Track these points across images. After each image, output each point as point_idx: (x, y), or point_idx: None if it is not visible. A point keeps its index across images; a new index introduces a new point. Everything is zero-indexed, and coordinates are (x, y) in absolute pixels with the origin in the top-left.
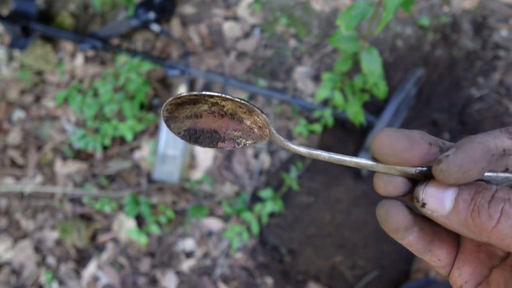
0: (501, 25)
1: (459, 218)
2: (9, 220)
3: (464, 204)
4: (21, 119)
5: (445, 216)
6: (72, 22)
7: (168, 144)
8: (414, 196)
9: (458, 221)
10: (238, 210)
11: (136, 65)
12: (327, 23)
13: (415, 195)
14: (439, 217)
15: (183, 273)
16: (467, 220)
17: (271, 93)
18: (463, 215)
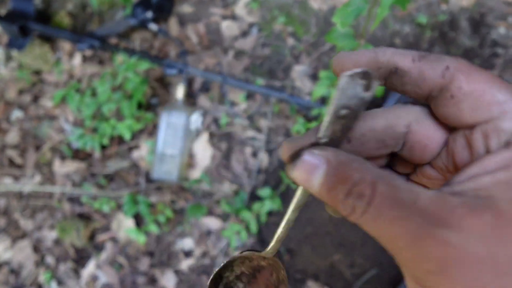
0: (499, 22)
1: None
2: (8, 219)
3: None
4: (19, 118)
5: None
6: (70, 21)
7: (167, 143)
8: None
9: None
10: (236, 209)
11: (134, 64)
12: (324, 21)
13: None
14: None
15: (182, 272)
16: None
17: (269, 92)
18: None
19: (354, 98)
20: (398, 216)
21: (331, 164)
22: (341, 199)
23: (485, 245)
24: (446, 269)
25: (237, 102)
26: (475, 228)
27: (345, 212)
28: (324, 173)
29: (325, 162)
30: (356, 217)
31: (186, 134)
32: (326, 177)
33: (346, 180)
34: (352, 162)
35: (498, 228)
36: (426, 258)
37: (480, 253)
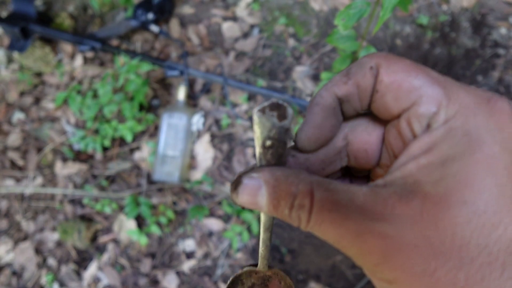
0: (500, 23)
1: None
2: (10, 221)
3: (274, 209)
4: (21, 120)
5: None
6: (71, 23)
7: (168, 144)
8: (231, 197)
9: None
10: (238, 210)
11: (135, 66)
12: (325, 22)
13: (231, 196)
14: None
15: (183, 274)
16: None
17: (270, 93)
18: (277, 215)
19: (273, 128)
20: (338, 217)
21: (269, 183)
22: (287, 214)
23: (418, 230)
24: (388, 260)
25: (238, 103)
26: (406, 216)
27: (295, 224)
28: (266, 193)
29: (264, 182)
30: (304, 226)
31: (187, 135)
32: (268, 196)
33: (286, 195)
34: (288, 176)
35: (426, 211)
36: (369, 252)
37: (415, 239)
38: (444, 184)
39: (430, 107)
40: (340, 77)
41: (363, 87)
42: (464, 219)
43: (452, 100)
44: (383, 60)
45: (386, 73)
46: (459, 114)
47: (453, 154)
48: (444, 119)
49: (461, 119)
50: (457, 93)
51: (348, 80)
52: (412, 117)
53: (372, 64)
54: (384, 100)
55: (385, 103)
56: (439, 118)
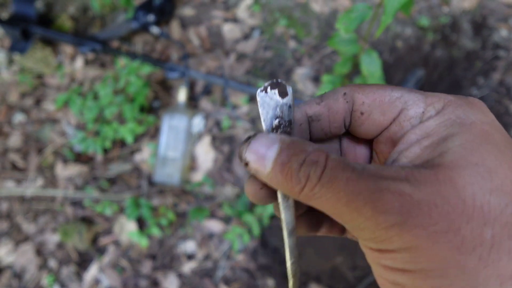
0: (501, 25)
1: (276, 179)
2: (10, 223)
3: (281, 166)
4: (21, 122)
5: (265, 176)
6: (71, 25)
7: (169, 146)
8: (238, 155)
9: (276, 183)
10: (239, 212)
11: (136, 68)
12: (326, 24)
13: (239, 153)
14: (261, 176)
15: (184, 275)
16: (282, 182)
17: None
18: (279, 177)
19: (277, 107)
20: (353, 176)
21: (285, 142)
22: (296, 170)
23: (436, 191)
24: (407, 218)
25: (239, 105)
26: (422, 179)
27: (299, 184)
28: (278, 149)
29: (279, 140)
30: (311, 185)
31: (188, 137)
32: (280, 152)
33: (300, 152)
34: (304, 141)
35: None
36: (386, 211)
37: (434, 199)
38: (451, 154)
39: (417, 108)
40: (314, 99)
41: (335, 109)
42: (480, 179)
43: (435, 99)
44: (356, 87)
45: (364, 96)
46: (446, 107)
47: (452, 133)
48: (434, 113)
49: (449, 110)
50: (436, 95)
51: (320, 101)
52: (403, 121)
53: (346, 90)
54: (372, 117)
55: (374, 119)
56: (428, 113)
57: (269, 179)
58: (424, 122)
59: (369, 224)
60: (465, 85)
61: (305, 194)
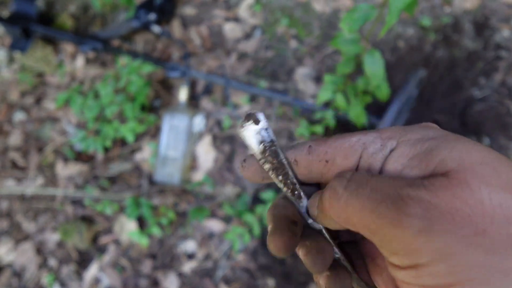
0: (503, 25)
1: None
2: (11, 222)
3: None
4: (22, 121)
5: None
6: (72, 23)
7: (169, 145)
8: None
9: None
10: (239, 212)
11: (137, 67)
12: (328, 23)
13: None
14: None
15: (184, 275)
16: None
17: (272, 95)
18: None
19: (256, 134)
20: (377, 186)
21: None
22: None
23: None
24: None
25: (240, 104)
26: (436, 184)
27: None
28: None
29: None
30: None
31: (188, 136)
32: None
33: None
34: None
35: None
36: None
37: (454, 203)
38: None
39: (375, 145)
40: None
41: (298, 158)
42: (490, 177)
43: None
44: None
45: (327, 146)
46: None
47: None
48: (395, 143)
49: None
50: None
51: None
52: (368, 159)
53: (311, 144)
54: (336, 163)
55: (338, 165)
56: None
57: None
58: (394, 152)
59: (396, 232)
60: (466, 85)
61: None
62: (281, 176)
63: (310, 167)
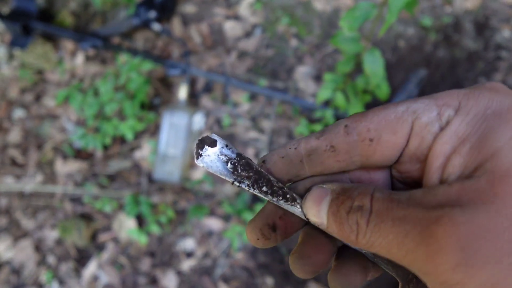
0: (503, 25)
1: (334, 230)
2: (10, 219)
3: (333, 217)
4: (21, 118)
5: (326, 229)
6: (72, 20)
7: (169, 143)
8: (301, 211)
9: (336, 234)
10: (238, 210)
11: (137, 65)
12: (328, 22)
13: (301, 209)
14: (325, 230)
15: (183, 273)
16: (339, 232)
17: (272, 93)
18: (334, 227)
19: (220, 155)
20: (399, 215)
21: (335, 191)
22: (345, 219)
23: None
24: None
25: (240, 103)
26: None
27: (352, 232)
28: (329, 199)
29: (330, 190)
30: (363, 231)
31: (188, 134)
32: (331, 203)
33: (347, 199)
34: (352, 186)
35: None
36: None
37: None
38: (503, 153)
39: (430, 113)
40: (314, 133)
41: (335, 143)
42: None
43: (446, 98)
44: (357, 116)
45: (368, 122)
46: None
47: (490, 127)
48: (453, 112)
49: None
50: (444, 93)
51: (320, 136)
52: (421, 132)
53: (347, 122)
54: (383, 141)
55: (386, 142)
56: (446, 114)
57: (330, 232)
58: (448, 127)
59: (429, 268)
60: (466, 85)
61: (360, 241)
62: (265, 186)
63: (351, 151)
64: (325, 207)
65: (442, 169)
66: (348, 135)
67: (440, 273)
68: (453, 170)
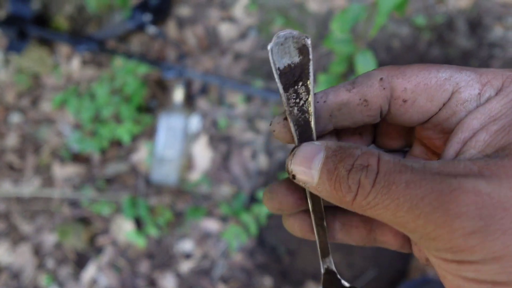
0: (496, 24)
1: (325, 189)
2: (8, 223)
3: (328, 175)
4: (18, 122)
5: (314, 187)
6: (68, 24)
7: (166, 145)
8: (286, 168)
9: (326, 194)
10: (236, 211)
11: (133, 68)
12: (322, 23)
13: (286, 166)
14: (310, 188)
15: (182, 275)
16: (331, 192)
17: (268, 94)
18: (328, 187)
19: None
20: (414, 178)
21: (330, 148)
22: (344, 178)
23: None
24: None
25: (236, 104)
26: (500, 174)
27: (350, 192)
28: (323, 156)
29: (324, 147)
30: (365, 193)
31: (185, 136)
32: (325, 160)
33: (348, 157)
34: (352, 145)
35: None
36: (462, 215)
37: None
38: None
39: (472, 90)
40: (344, 84)
41: (369, 97)
42: None
43: (491, 77)
44: (395, 71)
45: (405, 80)
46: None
47: None
48: (494, 92)
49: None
50: (491, 71)
51: (352, 88)
52: (456, 106)
53: (383, 75)
54: (417, 104)
55: (420, 107)
56: (486, 94)
57: (319, 191)
58: (485, 105)
59: (441, 232)
60: None
61: (358, 203)
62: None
63: (383, 107)
64: (318, 164)
65: (464, 143)
66: (384, 90)
67: (452, 238)
68: (475, 145)
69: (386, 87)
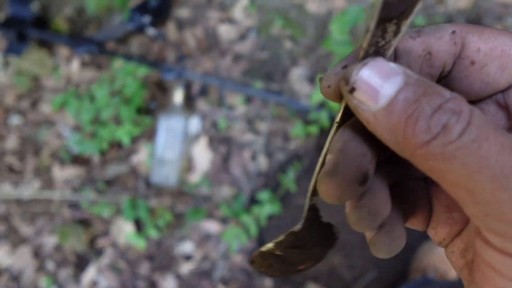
0: (496, 24)
1: (389, 120)
2: (8, 226)
3: (403, 104)
4: (18, 124)
5: (373, 113)
6: (67, 26)
7: (166, 147)
8: (344, 76)
9: (385, 124)
10: (236, 213)
11: (132, 69)
12: (322, 25)
13: (345, 74)
14: (365, 112)
15: (182, 276)
16: (397, 125)
17: (268, 95)
18: (396, 118)
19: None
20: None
21: (411, 76)
22: (426, 115)
23: None
24: None
25: (235, 105)
26: None
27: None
28: (402, 81)
29: (403, 71)
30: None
31: (184, 138)
32: (406, 87)
33: (435, 94)
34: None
35: None
36: None
37: None
38: None
39: None
40: (408, 31)
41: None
42: None
43: None
44: (470, 27)
45: (481, 40)
46: None
47: None
48: None
49: None
50: None
51: (417, 36)
52: None
53: (456, 29)
54: (486, 71)
55: (487, 74)
56: None
57: (375, 118)
58: None
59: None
60: None
61: (430, 149)
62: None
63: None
64: (392, 88)
65: None
66: (454, 45)
67: None
68: None
69: (457, 42)
